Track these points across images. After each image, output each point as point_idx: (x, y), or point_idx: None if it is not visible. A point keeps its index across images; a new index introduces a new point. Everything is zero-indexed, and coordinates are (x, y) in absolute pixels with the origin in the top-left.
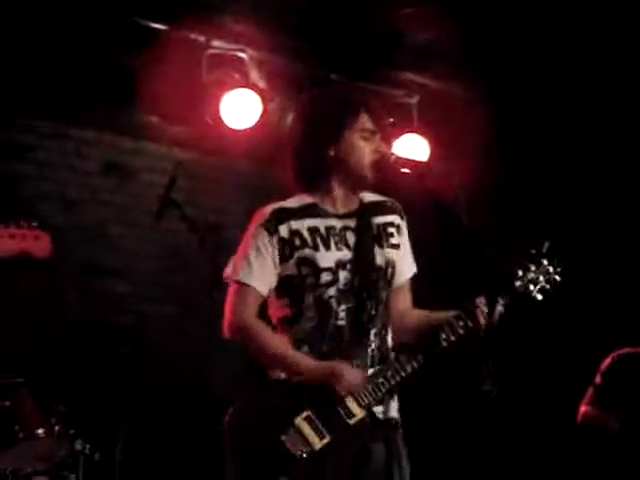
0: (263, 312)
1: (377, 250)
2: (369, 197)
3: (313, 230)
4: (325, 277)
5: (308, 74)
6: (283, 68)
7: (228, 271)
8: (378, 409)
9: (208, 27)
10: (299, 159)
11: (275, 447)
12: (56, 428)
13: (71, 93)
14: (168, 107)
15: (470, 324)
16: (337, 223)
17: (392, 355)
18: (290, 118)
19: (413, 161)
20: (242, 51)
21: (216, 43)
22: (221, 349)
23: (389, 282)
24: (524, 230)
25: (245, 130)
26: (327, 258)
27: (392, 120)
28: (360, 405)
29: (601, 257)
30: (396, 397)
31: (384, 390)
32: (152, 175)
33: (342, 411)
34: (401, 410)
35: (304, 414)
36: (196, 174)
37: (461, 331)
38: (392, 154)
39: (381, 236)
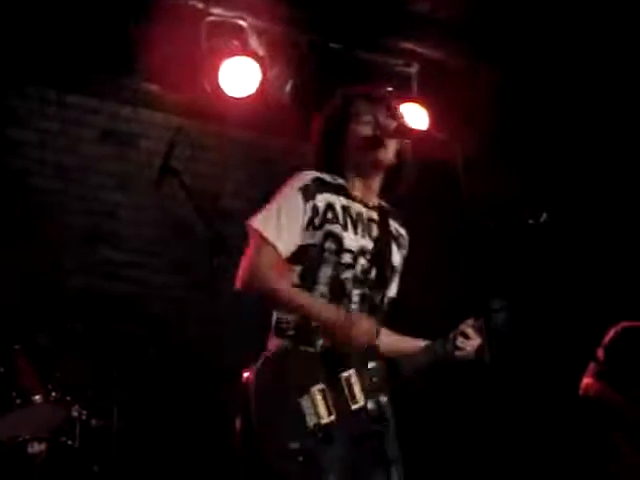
0: None
1: (395, 250)
2: (385, 204)
3: (345, 209)
4: (346, 258)
5: (307, 42)
6: (282, 36)
7: (256, 222)
8: (371, 403)
9: None
10: (324, 162)
11: (292, 407)
12: (53, 394)
13: (70, 61)
14: (167, 75)
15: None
16: (365, 212)
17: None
18: (289, 85)
19: (413, 130)
20: (241, 18)
21: (215, 10)
22: (223, 318)
23: (393, 285)
24: (523, 197)
25: (244, 98)
26: (352, 241)
27: (391, 90)
28: (363, 390)
29: (600, 226)
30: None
31: (375, 384)
32: (151, 143)
33: (348, 395)
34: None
35: (320, 386)
36: (195, 142)
37: (445, 354)
38: (391, 124)
39: (398, 239)
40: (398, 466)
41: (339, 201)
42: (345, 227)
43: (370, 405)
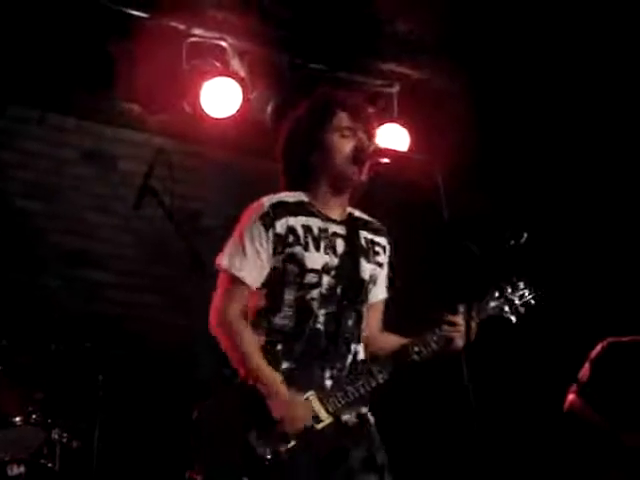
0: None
1: (363, 263)
2: (359, 213)
3: (307, 229)
4: (310, 278)
5: (288, 63)
6: (263, 57)
7: (222, 260)
8: (346, 416)
9: (188, 15)
10: (287, 166)
11: (241, 446)
12: (33, 416)
13: (51, 80)
14: (148, 95)
15: (444, 340)
16: (329, 227)
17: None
18: (270, 107)
19: (393, 151)
20: (222, 39)
21: (196, 31)
22: (202, 338)
23: (367, 299)
24: (504, 219)
25: (225, 119)
26: (315, 260)
27: (372, 110)
28: (327, 411)
29: (584, 243)
30: (367, 404)
31: (353, 398)
32: (132, 163)
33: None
34: (380, 404)
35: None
36: (176, 162)
37: (434, 346)
38: (371, 145)
39: (369, 251)
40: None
41: (299, 221)
42: (306, 247)
43: (345, 417)
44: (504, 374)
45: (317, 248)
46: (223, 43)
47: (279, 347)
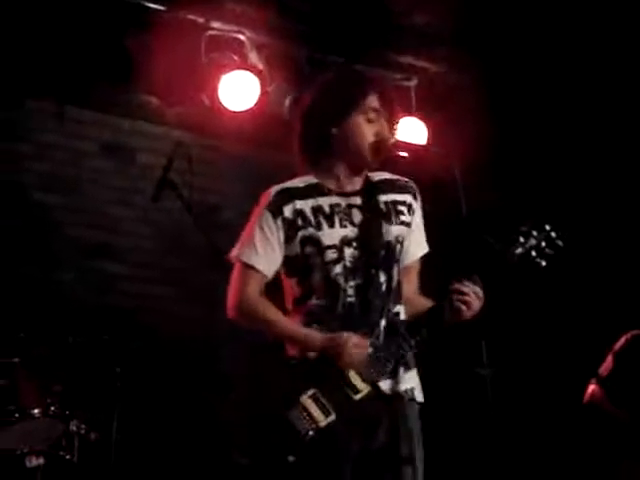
0: (276, 295)
1: (385, 227)
2: (381, 175)
3: (317, 209)
4: (330, 255)
5: (307, 56)
6: (282, 50)
7: (235, 251)
8: (385, 383)
9: (207, 8)
10: (304, 135)
11: (282, 425)
12: (52, 408)
13: (70, 73)
14: (167, 88)
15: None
16: (342, 201)
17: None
18: (288, 100)
19: (411, 144)
20: (241, 33)
21: (215, 25)
22: (220, 330)
23: (398, 259)
24: (522, 212)
25: (243, 112)
26: (331, 236)
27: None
28: (364, 380)
29: (601, 238)
30: (413, 370)
31: (389, 364)
32: (150, 156)
33: (347, 388)
34: None
35: (310, 392)
36: (194, 155)
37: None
38: (391, 138)
39: (390, 213)
40: (415, 464)
41: (307, 204)
42: (319, 226)
43: (382, 385)
44: (523, 363)
45: (331, 225)
46: (241, 36)
47: (315, 327)
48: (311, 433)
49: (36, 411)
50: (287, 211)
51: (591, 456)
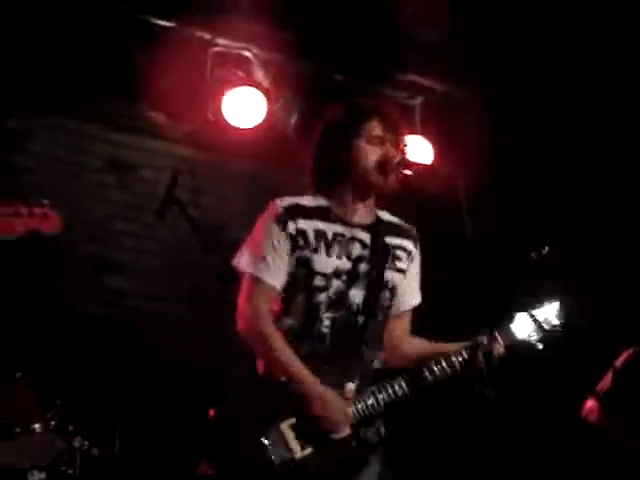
0: None
1: (379, 269)
2: (387, 216)
3: (320, 233)
4: (317, 281)
5: (312, 74)
6: (288, 68)
7: (242, 262)
8: (364, 430)
9: (214, 25)
10: (316, 171)
11: (256, 448)
12: (53, 423)
13: (76, 88)
14: (172, 104)
15: (466, 364)
16: (346, 231)
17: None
18: (294, 118)
19: (416, 163)
20: (247, 49)
21: (221, 41)
22: (224, 346)
23: (388, 305)
24: (526, 233)
25: (248, 129)
26: (324, 263)
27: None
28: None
29: (605, 254)
30: (383, 418)
31: (373, 411)
32: (155, 172)
33: None
34: (398, 413)
35: (291, 420)
36: (198, 172)
37: (458, 367)
38: (396, 157)
39: (388, 256)
40: None
41: (312, 225)
42: (316, 250)
43: (364, 432)
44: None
45: (328, 253)
46: (247, 53)
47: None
48: (284, 462)
49: (37, 425)
50: (291, 227)
51: (583, 470)
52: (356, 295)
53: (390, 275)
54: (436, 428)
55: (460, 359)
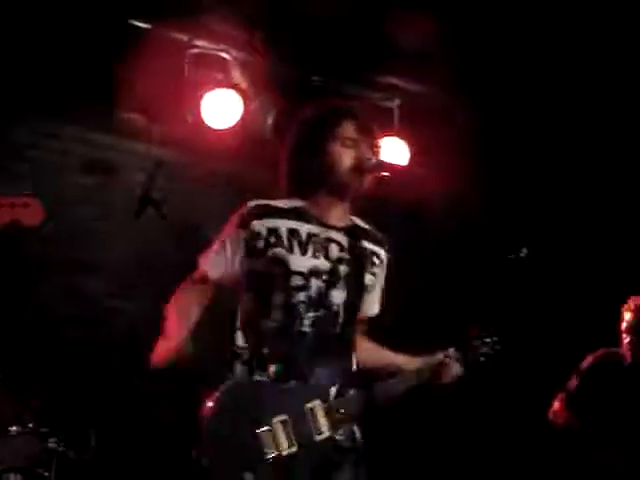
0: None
1: (361, 270)
2: (361, 223)
3: (293, 232)
4: (295, 281)
5: (290, 76)
6: (265, 69)
7: (201, 258)
8: (341, 434)
9: (191, 26)
10: (290, 175)
11: (249, 439)
12: (29, 425)
13: (53, 90)
14: (150, 106)
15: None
16: (321, 232)
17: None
18: (271, 118)
19: (393, 165)
20: (225, 51)
21: (199, 43)
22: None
23: (361, 305)
24: (504, 233)
25: (226, 130)
26: (300, 263)
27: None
28: (331, 424)
29: (585, 257)
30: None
31: (350, 415)
32: (133, 173)
33: (313, 426)
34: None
35: (282, 417)
36: (177, 173)
37: (422, 379)
38: (371, 159)
39: (367, 259)
40: None
41: (285, 224)
42: (290, 249)
43: (340, 435)
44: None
45: (303, 252)
46: (225, 54)
47: (265, 350)
48: (272, 457)
49: (14, 428)
50: (257, 225)
51: (549, 473)
52: (337, 296)
53: (369, 279)
54: (412, 433)
55: (424, 375)
